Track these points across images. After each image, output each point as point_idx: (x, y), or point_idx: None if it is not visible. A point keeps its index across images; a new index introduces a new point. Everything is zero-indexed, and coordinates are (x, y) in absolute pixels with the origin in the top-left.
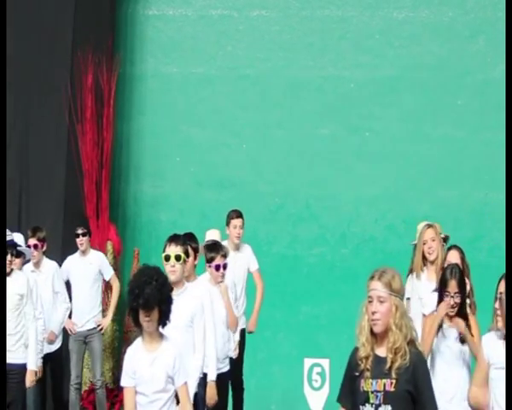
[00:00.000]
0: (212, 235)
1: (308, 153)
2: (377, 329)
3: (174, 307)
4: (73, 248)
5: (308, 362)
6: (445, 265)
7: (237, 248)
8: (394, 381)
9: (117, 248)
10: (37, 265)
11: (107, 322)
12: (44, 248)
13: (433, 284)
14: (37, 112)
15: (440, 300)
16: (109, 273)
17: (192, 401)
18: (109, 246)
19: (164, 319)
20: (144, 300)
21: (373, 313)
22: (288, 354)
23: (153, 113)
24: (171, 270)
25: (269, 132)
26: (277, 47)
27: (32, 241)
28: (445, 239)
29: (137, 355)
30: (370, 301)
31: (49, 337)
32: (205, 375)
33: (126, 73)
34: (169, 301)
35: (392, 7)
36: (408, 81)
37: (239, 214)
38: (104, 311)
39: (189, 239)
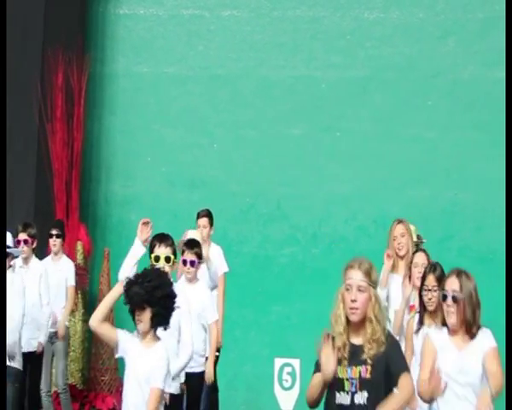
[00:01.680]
0: (192, 234)
1: (279, 153)
2: (355, 318)
3: None
4: (43, 248)
5: (279, 362)
6: (412, 266)
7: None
8: (370, 367)
9: (87, 249)
10: (25, 261)
11: (62, 328)
12: (34, 245)
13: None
14: (10, 112)
15: (420, 296)
16: (71, 282)
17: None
18: (79, 246)
19: (156, 322)
20: (128, 298)
21: (352, 301)
22: (258, 354)
23: (124, 112)
24: None
25: (240, 132)
26: (249, 47)
27: (23, 236)
28: (419, 238)
29: (134, 340)
30: (348, 290)
31: (38, 349)
32: (187, 375)
33: (97, 72)
34: (163, 304)
35: (363, 7)
36: (379, 81)
37: (203, 213)
38: (73, 311)
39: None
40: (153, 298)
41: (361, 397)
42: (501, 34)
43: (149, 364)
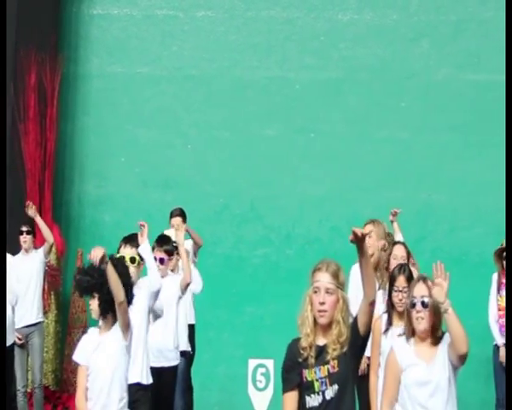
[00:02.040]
0: (168, 233)
1: (253, 153)
2: (323, 320)
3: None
4: (16, 248)
5: (252, 363)
6: (392, 258)
7: None
8: (336, 362)
9: (60, 249)
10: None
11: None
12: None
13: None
14: None
15: (389, 296)
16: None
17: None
18: (52, 247)
19: (102, 307)
20: (77, 286)
21: (321, 303)
22: (232, 355)
23: (97, 113)
24: None
25: (214, 133)
26: (223, 48)
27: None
28: (389, 236)
29: (91, 341)
30: (316, 292)
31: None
32: (159, 371)
33: (70, 72)
34: (109, 290)
35: (336, 9)
36: (352, 83)
37: (176, 213)
38: (45, 307)
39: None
40: (97, 285)
41: (331, 391)
42: (474, 36)
43: (107, 352)
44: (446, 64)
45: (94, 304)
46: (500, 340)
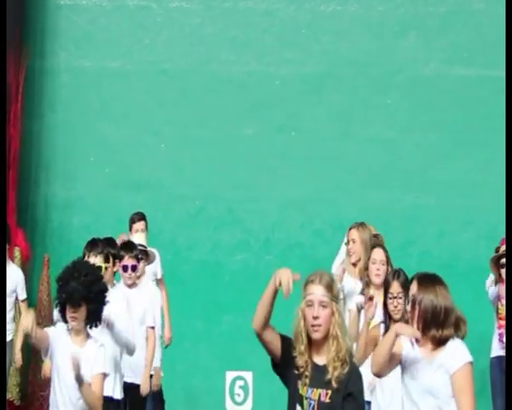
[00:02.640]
0: (137, 238)
1: (231, 153)
2: (318, 335)
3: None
4: None
5: (230, 375)
6: (370, 262)
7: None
8: (330, 392)
9: (25, 255)
10: None
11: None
12: None
13: (358, 285)
14: None
15: (385, 304)
16: (23, 295)
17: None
18: (17, 252)
19: (92, 318)
20: (68, 294)
21: (315, 318)
22: (208, 367)
23: (65, 109)
24: None
25: (189, 131)
26: (198, 41)
27: None
28: (376, 236)
29: (63, 338)
30: (310, 306)
31: None
32: (129, 387)
33: (36, 66)
34: (99, 300)
35: (319, 0)
36: (336, 78)
37: (137, 217)
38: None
39: (108, 244)
40: (91, 294)
41: None
42: (464, 29)
43: (82, 363)
44: (435, 59)
45: (80, 313)
46: (498, 352)
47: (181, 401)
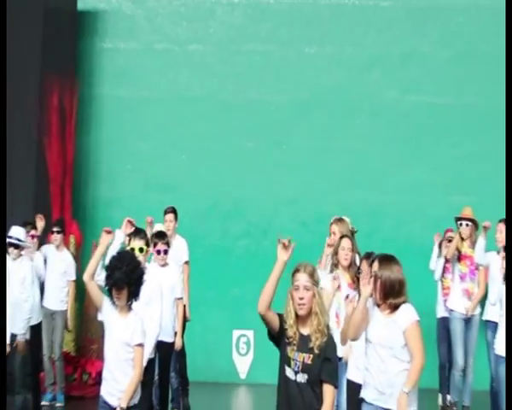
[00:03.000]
0: (159, 227)
1: (236, 162)
2: (302, 312)
3: None
4: (43, 243)
5: (236, 333)
6: (340, 249)
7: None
8: (312, 356)
9: (78, 241)
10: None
11: (68, 319)
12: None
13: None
14: (13, 128)
15: (358, 279)
16: (73, 276)
17: (145, 365)
18: (72, 239)
19: (132, 297)
20: (113, 281)
21: (300, 298)
22: (219, 327)
23: (107, 128)
24: None
25: (203, 145)
26: (211, 75)
27: (34, 232)
28: (352, 232)
29: (112, 310)
30: (297, 289)
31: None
32: (160, 344)
33: (85, 94)
34: (137, 283)
35: (304, 43)
36: (317, 104)
37: (169, 210)
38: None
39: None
40: (131, 280)
41: (302, 377)
42: (416, 66)
43: (126, 331)
44: (394, 88)
45: (123, 294)
46: (443, 314)
47: (198, 354)
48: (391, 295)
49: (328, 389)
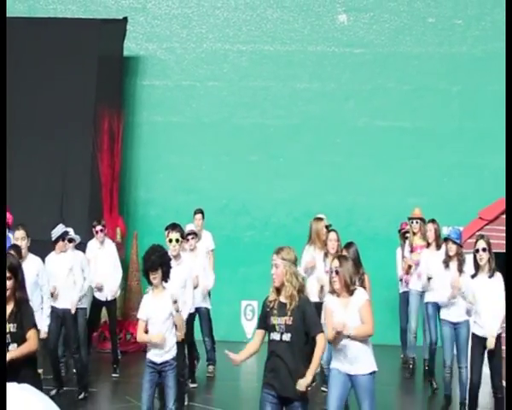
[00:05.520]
0: (191, 226)
1: (243, 172)
2: (275, 284)
3: (174, 271)
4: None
5: (244, 303)
6: (328, 241)
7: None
8: (292, 317)
9: (123, 232)
10: (101, 243)
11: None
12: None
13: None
14: (73, 146)
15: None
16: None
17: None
18: (118, 230)
19: (165, 276)
20: (150, 264)
21: (273, 273)
22: (230, 298)
23: (146, 146)
24: (174, 249)
25: (219, 158)
26: (224, 105)
27: (100, 227)
28: (327, 227)
29: (149, 300)
30: (272, 267)
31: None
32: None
33: (129, 120)
34: (168, 265)
35: (295, 80)
36: (307, 127)
37: (198, 211)
38: None
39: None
40: (163, 262)
41: (286, 336)
42: (383, 97)
43: (163, 304)
44: (365, 115)
45: (158, 275)
46: (404, 289)
47: (215, 319)
48: (350, 283)
49: (318, 337)
